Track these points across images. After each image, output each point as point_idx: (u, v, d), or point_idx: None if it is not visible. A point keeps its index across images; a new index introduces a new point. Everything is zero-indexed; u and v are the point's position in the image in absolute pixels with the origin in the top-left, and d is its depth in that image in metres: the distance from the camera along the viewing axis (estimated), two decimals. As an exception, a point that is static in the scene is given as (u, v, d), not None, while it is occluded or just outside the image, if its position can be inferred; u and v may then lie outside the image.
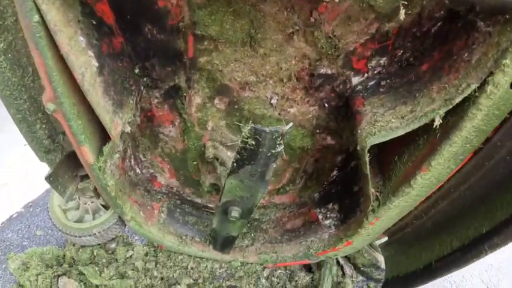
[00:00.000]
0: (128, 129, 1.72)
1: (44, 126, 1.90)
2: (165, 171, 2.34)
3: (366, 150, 1.48)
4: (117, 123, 1.64)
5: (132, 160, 2.19)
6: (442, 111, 1.26)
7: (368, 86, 1.72)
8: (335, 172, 2.28)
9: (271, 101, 1.85)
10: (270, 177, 1.53)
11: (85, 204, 2.56)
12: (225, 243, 2.26)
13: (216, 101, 1.89)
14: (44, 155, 1.97)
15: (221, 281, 2.59)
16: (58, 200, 2.56)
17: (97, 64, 1.51)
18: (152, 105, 1.94)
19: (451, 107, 1.23)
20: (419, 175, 1.43)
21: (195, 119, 1.97)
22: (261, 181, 1.56)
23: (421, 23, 1.48)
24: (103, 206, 2.54)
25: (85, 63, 1.41)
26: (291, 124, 1.29)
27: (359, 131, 1.56)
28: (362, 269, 2.81)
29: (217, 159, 2.02)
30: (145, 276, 2.53)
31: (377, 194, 1.70)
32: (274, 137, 1.29)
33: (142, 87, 1.85)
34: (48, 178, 2.03)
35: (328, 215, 2.25)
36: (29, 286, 2.44)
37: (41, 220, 3.53)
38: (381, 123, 1.48)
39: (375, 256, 2.76)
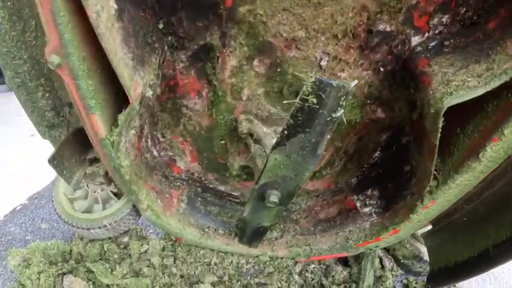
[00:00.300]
0: (149, 93, 1.32)
1: (47, 95, 1.50)
2: (186, 154, 1.93)
3: (442, 113, 1.24)
4: (137, 82, 1.24)
5: (149, 140, 1.79)
6: None
7: (430, 47, 1.47)
8: (377, 153, 1.94)
9: (321, 63, 1.48)
10: (322, 151, 1.24)
11: (94, 192, 2.15)
12: (254, 236, 1.89)
13: (256, 62, 1.49)
14: (47, 130, 1.56)
15: (249, 278, 2.17)
16: (64, 188, 2.14)
17: (115, 6, 1.15)
18: (177, 71, 1.54)
19: (532, 62, 1.04)
20: (489, 146, 1.24)
21: (227, 85, 1.56)
22: (311, 156, 1.26)
23: None
24: (114, 194, 2.12)
25: (101, 0, 1.02)
26: (355, 82, 1.00)
27: (431, 92, 1.32)
28: (402, 261, 2.42)
29: (252, 135, 1.61)
30: (163, 273, 2.10)
31: (435, 172, 1.45)
32: (339, 94, 1.00)
33: (166, 48, 1.44)
34: (51, 161, 1.63)
35: (367, 202, 1.95)
36: (30, 285, 2.01)
37: (46, 212, 3.12)
38: (456, 82, 1.26)
39: (417, 247, 2.36)
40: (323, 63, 1.49)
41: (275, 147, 1.26)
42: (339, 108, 1.05)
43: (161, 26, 1.39)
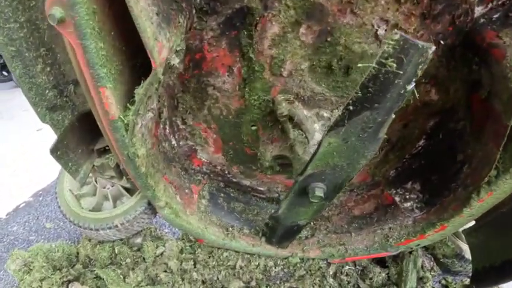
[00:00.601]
0: (176, 61, 1.01)
1: (48, 69, 1.18)
2: (209, 144, 1.60)
3: None
4: (162, 44, 0.91)
5: (167, 127, 1.47)
6: None
7: (494, 19, 1.26)
8: (421, 142, 1.66)
9: (378, 32, 1.18)
10: (384, 134, 1.00)
11: (104, 188, 1.82)
12: (285, 235, 1.64)
13: (302, 29, 1.17)
14: (47, 112, 1.24)
15: (278, 282, 1.85)
16: (69, 184, 1.80)
17: None
18: (204, 42, 1.21)
19: None
20: None
21: (266, 58, 1.24)
22: (372, 140, 1.01)
23: None
24: (126, 190, 1.78)
25: None
26: (434, 47, 0.77)
27: (508, 66, 1.12)
28: (441, 260, 2.11)
29: (292, 119, 1.29)
30: (182, 279, 1.75)
31: None
32: (420, 60, 0.78)
33: (194, 12, 1.12)
34: (54, 151, 1.32)
35: (407, 197, 1.69)
36: (30, 294, 1.65)
37: (52, 211, 2.78)
38: None
39: (459, 244, 2.05)
40: (380, 32, 1.19)
41: (332, 129, 1.00)
42: (414, 78, 0.82)
43: (189, -18, 1.06)
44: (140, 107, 1.03)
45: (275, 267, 1.85)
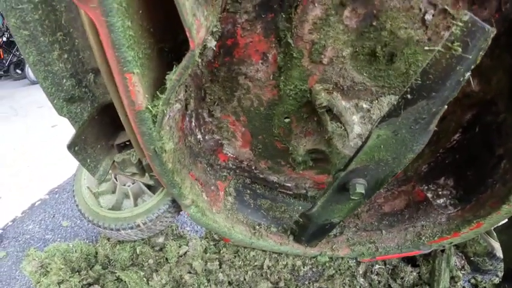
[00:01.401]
0: (212, 43, 0.85)
1: (65, 56, 1.01)
2: (237, 137, 1.43)
3: None
4: (200, 22, 0.75)
5: (193, 120, 1.31)
6: None
7: None
8: (456, 135, 1.50)
9: (425, 17, 1.02)
10: (434, 127, 0.94)
11: (124, 185, 1.65)
12: (316, 234, 1.50)
13: (347, 12, 1.00)
14: (65, 104, 1.08)
15: (307, 282, 1.69)
16: (87, 181, 1.64)
17: None
18: (237, 26, 1.05)
19: None
20: None
21: (306, 44, 1.07)
22: (422, 132, 0.95)
23: None
24: (147, 187, 1.61)
25: None
26: (495, 31, 0.69)
27: None
28: (471, 258, 1.96)
29: (331, 111, 1.12)
30: (208, 281, 1.60)
31: None
32: (483, 45, 0.71)
33: (227, -8, 0.96)
34: (71, 147, 1.17)
35: (440, 193, 1.56)
36: (48, 300, 1.49)
37: (68, 208, 2.63)
38: None
39: (490, 242, 1.90)
40: (428, 17, 1.04)
41: (384, 120, 0.92)
42: (472, 66, 0.76)
43: (222, -45, 0.90)
44: (171, 96, 0.87)
45: (303, 267, 1.69)
